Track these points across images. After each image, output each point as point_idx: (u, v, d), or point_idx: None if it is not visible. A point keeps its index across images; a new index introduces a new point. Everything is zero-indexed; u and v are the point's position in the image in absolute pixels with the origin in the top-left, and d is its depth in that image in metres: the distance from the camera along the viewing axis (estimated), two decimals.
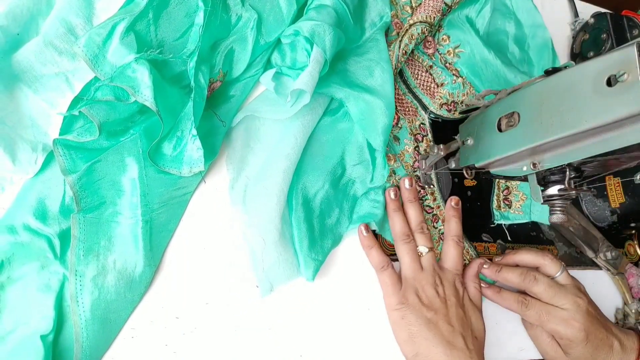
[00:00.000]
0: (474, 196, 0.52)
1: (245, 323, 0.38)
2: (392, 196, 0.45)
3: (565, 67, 0.36)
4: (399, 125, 0.50)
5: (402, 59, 0.49)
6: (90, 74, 0.36)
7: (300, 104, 0.40)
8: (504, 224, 0.53)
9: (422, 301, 0.41)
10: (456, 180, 0.51)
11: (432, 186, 0.49)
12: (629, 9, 0.59)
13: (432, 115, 0.52)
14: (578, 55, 0.64)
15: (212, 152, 0.40)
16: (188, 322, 0.37)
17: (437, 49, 0.54)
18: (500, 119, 0.40)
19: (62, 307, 0.33)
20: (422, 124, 0.51)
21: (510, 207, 0.53)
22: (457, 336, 0.40)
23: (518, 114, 0.38)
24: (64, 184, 0.35)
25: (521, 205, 0.53)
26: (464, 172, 0.46)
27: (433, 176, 0.49)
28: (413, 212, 0.45)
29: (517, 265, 0.47)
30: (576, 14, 0.67)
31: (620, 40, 0.58)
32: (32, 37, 0.36)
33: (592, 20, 0.62)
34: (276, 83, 0.42)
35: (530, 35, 0.61)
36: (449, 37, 0.55)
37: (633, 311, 0.53)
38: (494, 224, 0.52)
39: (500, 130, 0.40)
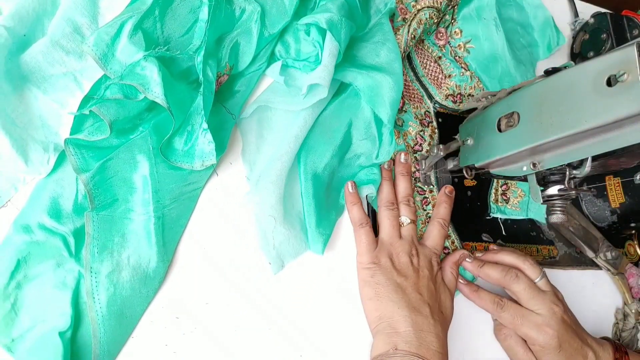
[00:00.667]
0: (474, 196, 0.52)
1: (245, 323, 0.39)
2: (386, 167, 0.47)
3: (565, 67, 0.36)
4: (404, 109, 0.51)
5: (411, 44, 0.50)
6: (99, 72, 0.37)
7: (316, 98, 0.41)
8: (500, 218, 0.53)
9: (395, 265, 0.42)
10: (456, 180, 0.51)
11: (431, 186, 0.49)
12: (629, 9, 0.59)
13: (437, 104, 0.53)
14: (578, 55, 0.64)
15: (221, 147, 0.40)
16: (188, 322, 0.37)
17: (449, 42, 0.56)
18: (500, 119, 0.40)
19: (78, 304, 0.34)
20: (427, 111, 0.53)
21: (507, 203, 0.53)
22: (423, 304, 0.40)
23: (518, 114, 0.38)
24: (76, 183, 0.36)
25: (519, 201, 0.54)
26: (464, 172, 0.46)
27: (433, 176, 0.49)
28: (403, 184, 0.47)
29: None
30: (576, 14, 0.67)
31: (620, 40, 0.58)
32: (39, 37, 0.37)
33: (592, 20, 0.62)
34: (285, 76, 0.43)
35: (531, 16, 0.62)
36: (461, 31, 0.56)
37: (633, 311, 0.53)
38: (489, 216, 0.52)
39: (500, 130, 0.40)
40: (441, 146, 0.47)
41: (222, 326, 0.38)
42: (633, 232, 0.57)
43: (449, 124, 0.53)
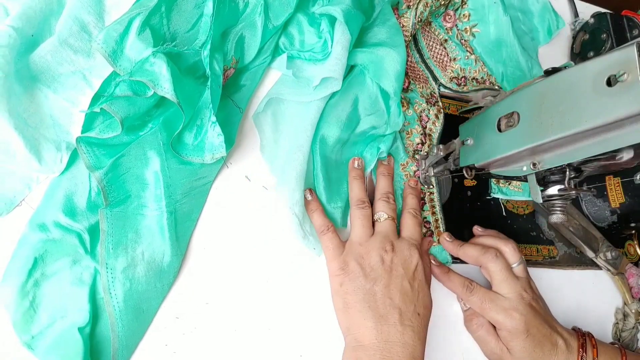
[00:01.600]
0: (474, 196, 0.52)
1: (245, 323, 0.39)
2: (356, 165, 0.46)
3: (565, 67, 0.36)
4: (410, 88, 0.52)
5: (418, 26, 0.51)
6: (107, 70, 0.38)
7: (329, 90, 0.43)
8: (501, 199, 0.53)
9: (363, 269, 0.40)
10: (456, 180, 0.51)
11: (431, 186, 0.49)
12: (629, 9, 0.60)
13: (441, 87, 0.55)
14: (578, 55, 0.64)
15: (229, 141, 0.41)
16: (188, 322, 0.37)
17: (456, 24, 0.57)
18: (500, 119, 0.40)
19: (95, 300, 0.35)
20: (433, 92, 0.54)
21: (509, 184, 0.54)
22: (392, 310, 0.39)
23: (518, 114, 0.38)
24: (89, 180, 0.37)
25: (521, 183, 0.54)
26: (464, 172, 0.46)
27: (432, 176, 0.49)
28: (382, 182, 0.46)
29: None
30: (576, 14, 0.68)
31: (620, 40, 0.58)
32: (46, 37, 0.37)
33: (592, 20, 0.62)
34: (293, 68, 0.44)
35: (530, 2, 0.63)
36: (470, 14, 0.57)
37: (633, 311, 0.53)
38: (490, 196, 0.53)
39: (500, 130, 0.40)
40: (441, 146, 0.47)
41: (222, 326, 0.38)
42: (633, 232, 0.57)
43: (449, 124, 0.53)
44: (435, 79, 0.55)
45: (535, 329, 0.43)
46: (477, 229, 0.50)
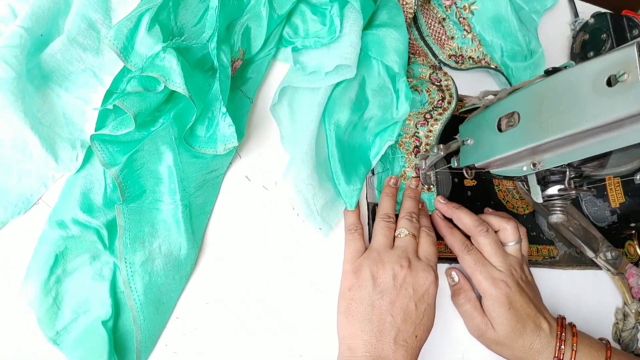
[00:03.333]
0: (474, 196, 0.52)
1: (245, 323, 0.39)
2: (391, 183, 0.48)
3: (565, 67, 0.36)
4: (412, 61, 0.53)
5: (420, 1, 0.53)
6: (116, 67, 0.39)
7: (342, 77, 0.44)
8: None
9: (375, 279, 0.40)
10: (456, 180, 0.51)
11: (431, 186, 0.49)
12: (629, 9, 0.60)
13: (441, 63, 0.57)
14: (578, 55, 0.64)
15: (239, 133, 0.42)
16: (188, 322, 0.38)
17: (455, 2, 0.58)
18: (500, 119, 0.40)
19: (116, 294, 0.36)
20: (434, 64, 0.55)
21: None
22: (391, 329, 0.39)
23: (518, 114, 0.39)
24: (104, 177, 0.38)
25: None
26: (464, 172, 0.46)
27: (432, 176, 0.49)
28: (409, 203, 0.47)
29: None
30: (576, 14, 0.68)
31: (620, 40, 0.58)
32: (55, 37, 0.38)
33: (592, 20, 0.63)
34: (300, 63, 0.45)
35: None
36: None
37: (633, 311, 0.53)
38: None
39: (500, 130, 0.40)
40: (441, 146, 0.47)
41: (222, 326, 0.39)
42: (633, 232, 0.57)
43: (449, 124, 0.53)
44: (435, 55, 0.56)
45: (519, 304, 0.43)
46: (488, 209, 0.51)
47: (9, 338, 0.34)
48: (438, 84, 0.52)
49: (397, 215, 0.46)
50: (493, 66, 0.58)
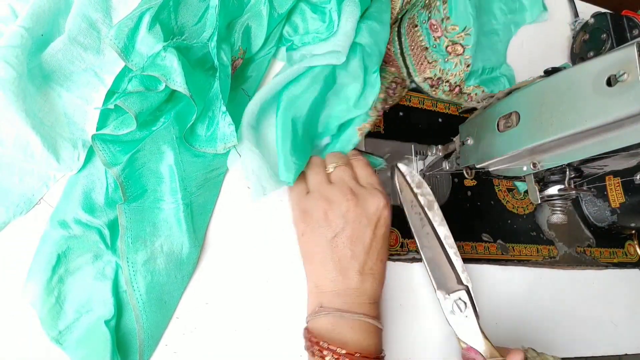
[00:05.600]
0: (474, 196, 0.52)
1: (245, 323, 0.39)
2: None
3: (565, 67, 0.36)
4: (382, 67, 0.51)
5: (406, 7, 0.52)
6: (117, 67, 0.39)
7: (328, 61, 0.43)
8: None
9: (325, 219, 0.39)
10: (456, 180, 0.51)
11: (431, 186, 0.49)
12: (629, 9, 0.60)
13: (413, 84, 0.54)
14: (578, 55, 0.64)
15: (239, 133, 0.42)
16: (188, 322, 0.38)
17: (445, 35, 0.55)
18: (499, 119, 0.40)
19: (119, 294, 0.36)
20: (402, 80, 0.53)
21: None
22: (353, 262, 0.38)
23: (518, 114, 0.39)
24: (106, 177, 0.38)
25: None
26: (464, 172, 0.46)
27: (432, 176, 0.49)
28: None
29: None
30: (576, 14, 0.68)
31: (620, 40, 0.58)
32: (55, 36, 0.38)
33: (592, 20, 0.63)
34: (296, 58, 0.46)
35: None
36: (457, 26, 0.55)
37: None
38: None
39: (500, 130, 0.40)
40: (439, 146, 0.47)
41: (222, 326, 0.39)
42: (633, 232, 0.57)
43: (449, 124, 0.53)
44: (409, 74, 0.53)
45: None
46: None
47: (11, 338, 0.34)
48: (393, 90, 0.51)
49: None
50: (465, 98, 0.55)
